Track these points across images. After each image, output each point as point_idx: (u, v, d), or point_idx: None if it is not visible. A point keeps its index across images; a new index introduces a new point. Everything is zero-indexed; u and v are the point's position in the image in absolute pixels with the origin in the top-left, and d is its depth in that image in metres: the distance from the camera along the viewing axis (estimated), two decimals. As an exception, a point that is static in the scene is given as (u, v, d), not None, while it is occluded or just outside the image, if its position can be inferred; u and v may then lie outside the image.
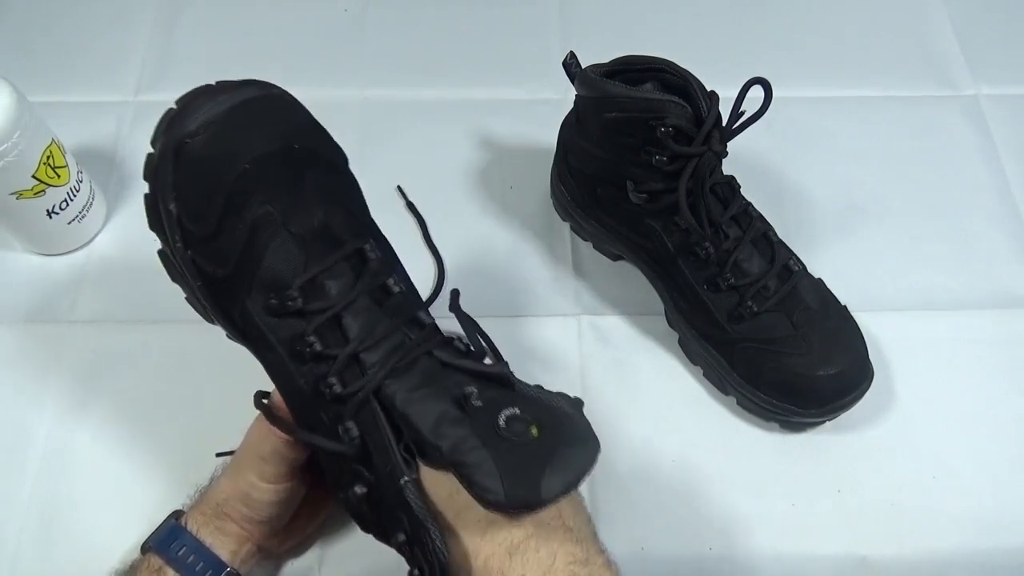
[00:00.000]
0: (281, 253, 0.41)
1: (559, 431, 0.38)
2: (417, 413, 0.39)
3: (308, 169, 0.42)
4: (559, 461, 0.36)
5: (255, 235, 0.40)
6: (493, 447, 0.37)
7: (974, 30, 0.76)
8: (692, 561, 0.53)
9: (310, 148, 0.43)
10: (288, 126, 0.43)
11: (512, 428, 0.37)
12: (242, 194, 0.40)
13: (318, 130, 0.44)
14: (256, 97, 0.41)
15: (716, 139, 0.50)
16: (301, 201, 0.41)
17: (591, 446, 0.38)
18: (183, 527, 0.45)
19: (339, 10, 0.76)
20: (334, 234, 0.42)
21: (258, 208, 0.40)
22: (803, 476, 0.55)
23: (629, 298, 0.62)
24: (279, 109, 0.43)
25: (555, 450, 0.37)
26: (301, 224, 0.41)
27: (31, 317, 0.60)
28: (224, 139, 0.40)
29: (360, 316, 0.41)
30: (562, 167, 0.62)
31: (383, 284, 0.42)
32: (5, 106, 0.51)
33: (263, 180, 0.41)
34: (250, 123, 0.41)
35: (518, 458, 0.36)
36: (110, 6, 0.76)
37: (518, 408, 0.38)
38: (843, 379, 0.53)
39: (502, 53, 0.74)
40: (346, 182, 0.46)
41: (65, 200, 0.58)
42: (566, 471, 0.36)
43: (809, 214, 0.66)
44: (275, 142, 0.41)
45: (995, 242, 0.65)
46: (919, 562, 0.53)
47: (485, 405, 0.38)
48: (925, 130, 0.71)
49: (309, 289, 0.41)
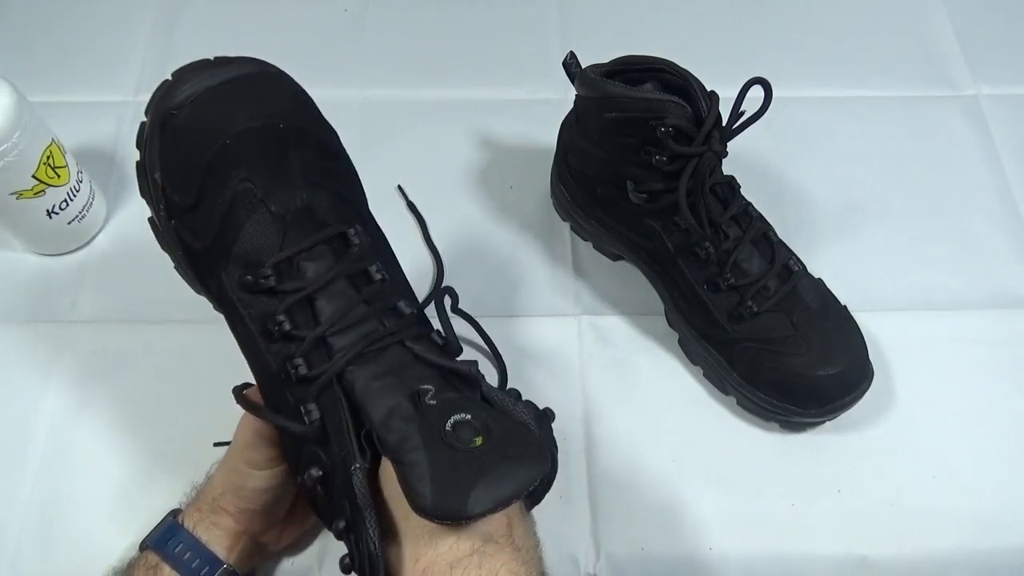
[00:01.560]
0: (258, 230, 0.41)
1: (505, 444, 0.37)
2: (372, 403, 0.39)
3: (294, 149, 0.42)
4: (495, 475, 0.35)
5: (233, 210, 0.40)
6: (433, 450, 0.36)
7: (974, 30, 0.76)
8: (692, 561, 0.53)
9: (298, 128, 0.43)
10: (277, 104, 0.42)
11: (458, 433, 0.37)
12: (222, 168, 0.40)
13: (310, 111, 0.44)
14: (249, 74, 0.41)
15: (716, 139, 0.50)
16: (284, 180, 0.41)
17: (538, 465, 0.37)
18: (180, 525, 0.46)
19: (339, 10, 0.76)
20: (317, 216, 0.42)
21: (238, 184, 0.40)
22: (803, 476, 0.55)
23: (629, 298, 0.62)
24: (271, 87, 0.43)
25: (494, 463, 0.36)
26: (282, 203, 0.41)
27: (31, 317, 0.60)
28: (209, 113, 0.40)
29: (334, 300, 0.41)
30: (562, 167, 0.62)
31: (364, 270, 0.42)
32: (5, 106, 0.51)
33: (244, 156, 0.40)
34: (238, 99, 0.41)
35: (454, 465, 0.35)
36: (110, 6, 0.76)
37: (469, 414, 0.37)
38: (843, 379, 0.53)
39: (502, 53, 0.74)
40: (338, 166, 0.45)
41: (65, 200, 0.58)
42: (500, 487, 0.35)
43: (809, 214, 0.66)
44: (260, 119, 0.41)
45: (995, 242, 0.65)
46: (919, 562, 0.53)
47: (438, 405, 0.38)
48: (925, 130, 0.71)
49: (284, 268, 0.40)
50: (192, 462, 0.50)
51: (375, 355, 0.40)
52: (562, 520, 0.54)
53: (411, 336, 0.41)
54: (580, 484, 0.55)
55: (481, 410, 0.38)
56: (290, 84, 0.44)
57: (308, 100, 0.45)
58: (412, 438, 0.37)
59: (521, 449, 0.37)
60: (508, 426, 0.38)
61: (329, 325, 0.40)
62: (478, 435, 0.37)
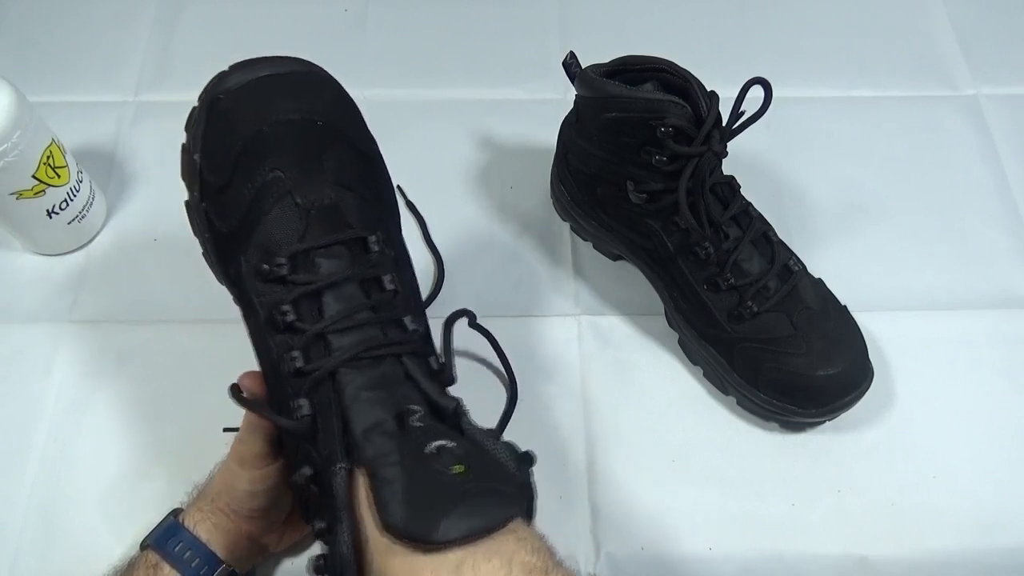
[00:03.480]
0: (281, 220, 0.41)
1: (485, 477, 0.36)
2: (357, 411, 0.38)
3: (329, 147, 0.43)
4: (471, 506, 0.34)
5: (261, 197, 0.41)
6: (411, 470, 0.35)
7: (974, 30, 0.76)
8: (692, 561, 0.53)
9: (337, 128, 0.44)
10: (319, 103, 0.43)
11: (440, 458, 0.36)
12: (256, 154, 0.41)
13: (351, 115, 0.45)
14: (296, 71, 0.43)
15: (716, 139, 0.50)
16: (314, 175, 0.42)
17: (516, 503, 0.36)
18: (181, 524, 0.46)
19: (339, 10, 0.76)
20: (342, 216, 0.42)
21: (268, 172, 0.41)
22: (803, 476, 0.55)
23: (629, 298, 0.62)
24: (316, 85, 0.44)
25: (471, 494, 0.35)
26: (309, 197, 0.41)
27: (31, 317, 0.60)
28: (251, 100, 0.42)
29: (342, 300, 0.41)
30: (562, 167, 0.62)
31: (378, 278, 0.42)
32: (5, 106, 0.51)
33: (279, 146, 0.42)
34: (281, 91, 0.42)
35: (430, 488, 0.35)
36: (110, 6, 0.76)
37: (454, 443, 0.37)
38: (843, 379, 0.53)
39: (502, 53, 0.74)
40: (371, 171, 0.46)
41: (65, 200, 0.58)
42: (474, 517, 0.34)
43: (809, 214, 0.66)
44: (299, 113, 0.42)
45: (995, 242, 0.65)
46: (919, 562, 0.53)
47: (423, 428, 0.37)
48: (925, 130, 0.71)
49: (300, 260, 0.41)
50: (192, 462, 0.50)
51: (370, 364, 0.40)
52: (562, 520, 0.54)
53: (408, 352, 0.41)
54: (580, 484, 0.55)
55: (464, 443, 0.37)
56: (335, 87, 0.45)
57: (351, 105, 0.46)
58: (391, 454, 0.36)
59: (500, 485, 0.36)
60: (488, 461, 0.37)
61: (332, 322, 0.40)
62: (459, 463, 0.36)
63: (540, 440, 0.56)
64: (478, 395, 0.57)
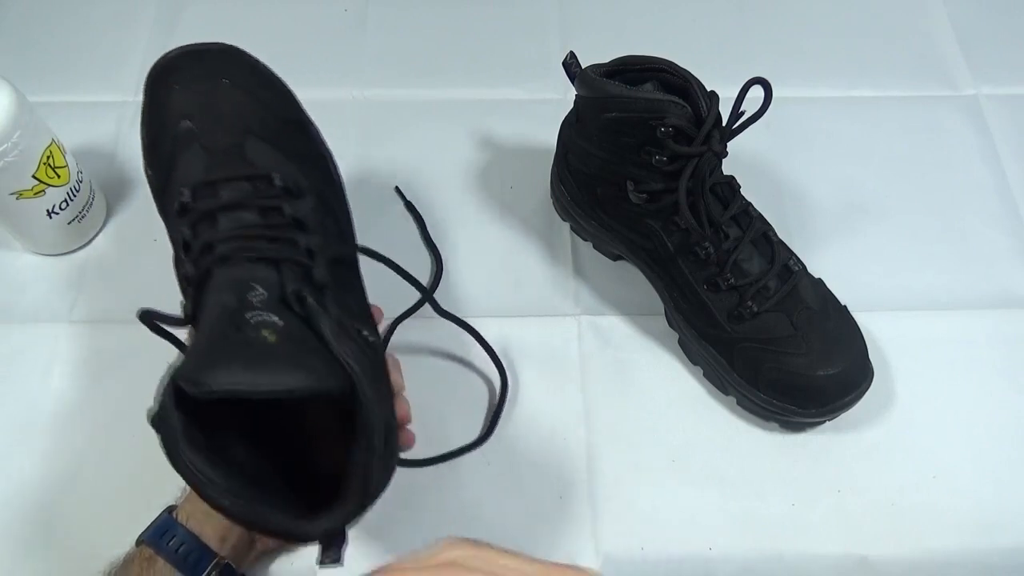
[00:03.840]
0: (189, 162, 0.45)
1: (295, 350, 0.36)
2: (211, 295, 0.40)
3: (238, 101, 0.47)
4: (260, 362, 0.35)
5: (175, 147, 0.46)
6: (219, 331, 0.36)
7: (974, 30, 0.76)
8: (692, 561, 0.53)
9: (247, 88, 0.47)
10: (228, 67, 0.48)
11: (254, 326, 0.36)
12: (171, 110, 0.47)
13: (266, 82, 0.49)
14: (214, 48, 0.48)
15: (716, 139, 0.50)
16: (220, 122, 0.46)
17: (312, 378, 0.35)
18: (175, 519, 0.46)
19: (339, 10, 0.76)
20: (245, 157, 0.45)
21: (180, 123, 0.46)
22: (803, 476, 0.55)
23: (629, 298, 0.62)
24: (232, 57, 0.48)
25: (266, 354, 0.35)
26: (213, 140, 0.46)
27: (31, 317, 0.60)
28: (171, 68, 0.47)
29: (235, 220, 0.43)
30: (562, 167, 0.62)
31: (278, 207, 0.44)
32: (5, 106, 0.51)
33: (189, 100, 0.47)
34: (195, 60, 0.47)
35: (227, 345, 0.35)
36: (110, 6, 0.76)
37: (279, 318, 0.37)
38: (843, 379, 0.53)
39: (502, 53, 0.74)
40: (292, 132, 0.49)
41: (65, 200, 0.58)
42: (258, 373, 0.34)
43: (809, 214, 0.66)
44: (207, 72, 0.47)
45: (995, 242, 0.65)
46: (919, 562, 0.53)
47: (258, 304, 0.38)
48: (925, 130, 0.71)
49: (202, 191, 0.44)
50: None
51: (247, 265, 0.41)
52: (562, 520, 0.54)
53: (286, 258, 0.42)
54: (580, 484, 0.55)
55: (293, 320, 0.38)
56: (252, 61, 0.49)
57: (270, 75, 0.49)
58: (213, 320, 0.37)
59: (306, 360, 0.36)
60: (307, 337, 0.37)
61: (220, 233, 0.42)
62: (272, 332, 0.36)
63: (540, 440, 0.56)
64: (471, 391, 0.58)
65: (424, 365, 0.59)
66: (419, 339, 0.59)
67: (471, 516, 0.54)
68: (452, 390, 0.58)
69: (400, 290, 0.59)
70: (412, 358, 0.58)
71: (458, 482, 0.55)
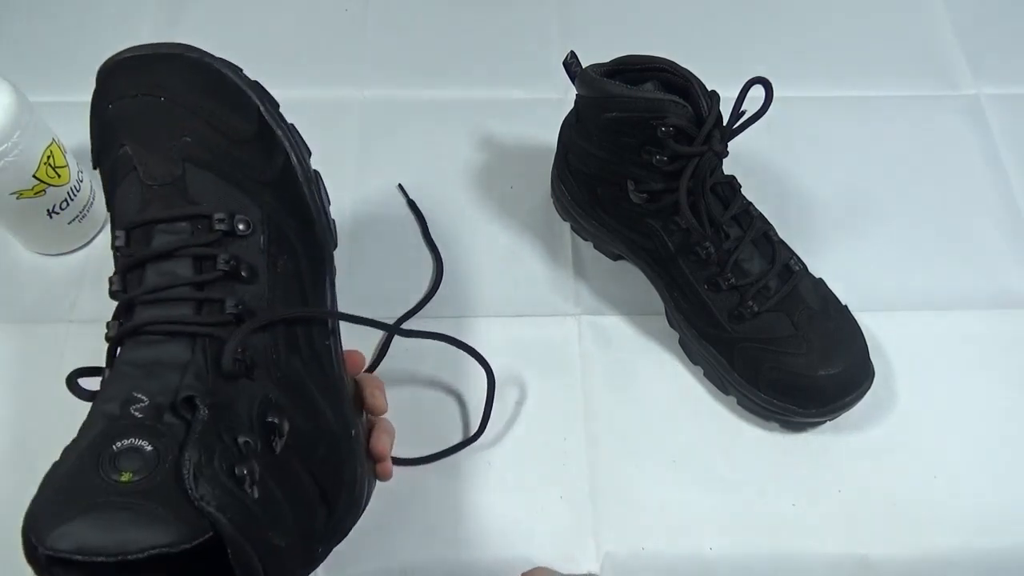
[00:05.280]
0: (127, 195, 0.41)
1: (155, 493, 0.31)
2: (105, 389, 0.36)
3: (179, 123, 0.41)
4: (101, 519, 0.30)
5: (114, 172, 0.42)
6: (75, 464, 0.32)
7: (974, 30, 0.76)
8: (692, 561, 0.53)
9: (188, 105, 0.42)
10: (170, 80, 0.42)
11: (118, 459, 0.32)
12: (108, 133, 0.42)
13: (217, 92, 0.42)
14: (157, 53, 0.42)
15: (717, 139, 0.50)
16: (158, 151, 0.41)
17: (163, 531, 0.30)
18: None
19: (339, 10, 0.76)
20: (188, 194, 0.40)
21: (119, 149, 0.41)
22: (803, 476, 0.55)
23: (629, 298, 0.62)
24: (175, 64, 0.42)
25: (111, 506, 0.31)
26: (151, 173, 0.40)
27: (31, 317, 0.60)
28: (108, 81, 0.42)
29: (164, 274, 0.39)
30: (562, 167, 0.62)
31: (212, 256, 0.39)
32: (5, 106, 0.51)
33: (126, 122, 0.41)
34: (132, 70, 0.42)
35: (76, 490, 0.31)
36: (111, 6, 0.76)
37: (152, 445, 0.32)
38: (844, 379, 0.53)
39: (502, 53, 0.74)
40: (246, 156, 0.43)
41: (65, 200, 0.58)
42: (98, 533, 0.30)
43: (810, 214, 0.66)
44: (141, 88, 0.41)
45: (995, 242, 0.65)
46: (919, 562, 0.53)
47: (135, 420, 0.34)
48: (925, 130, 0.71)
49: (137, 234, 0.40)
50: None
51: (161, 340, 0.37)
52: (562, 520, 0.54)
53: (204, 334, 0.37)
54: (580, 484, 0.55)
55: (166, 446, 0.33)
56: (199, 63, 0.42)
57: (220, 77, 0.42)
58: (79, 443, 0.33)
59: (160, 506, 0.31)
60: (169, 477, 0.32)
61: (143, 292, 0.38)
62: (130, 471, 0.32)
63: (540, 440, 0.56)
64: (467, 391, 0.58)
65: (423, 364, 0.59)
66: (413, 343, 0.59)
67: (472, 516, 0.54)
68: (448, 391, 0.58)
69: (401, 290, 0.59)
70: (408, 361, 0.58)
71: (459, 482, 0.55)
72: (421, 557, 0.52)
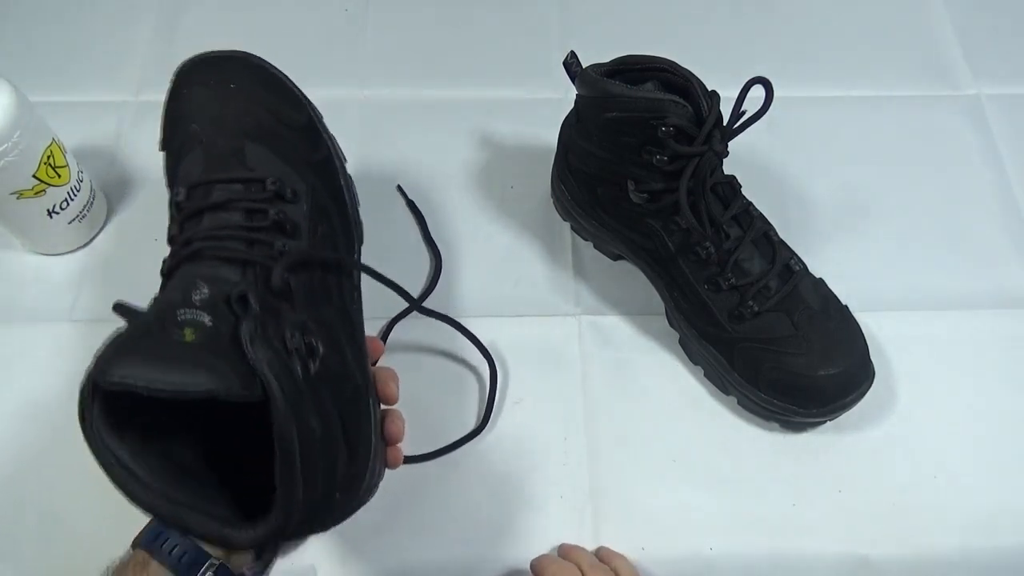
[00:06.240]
0: (191, 162, 0.47)
1: (211, 352, 0.35)
2: (167, 291, 0.40)
3: (241, 105, 0.49)
4: (159, 360, 0.34)
5: (182, 147, 0.48)
6: (141, 325, 0.36)
7: (974, 30, 0.76)
8: (692, 561, 0.53)
9: (250, 91, 0.50)
10: (235, 73, 0.50)
11: (180, 324, 0.36)
12: (180, 114, 0.49)
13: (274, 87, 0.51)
14: (227, 55, 0.50)
15: (717, 139, 0.50)
16: (222, 126, 0.48)
17: (213, 380, 0.34)
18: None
19: (339, 10, 0.76)
20: (245, 162, 0.46)
21: (188, 127, 0.48)
22: (803, 476, 0.55)
23: (629, 298, 0.62)
24: (241, 64, 0.50)
25: (171, 354, 0.34)
26: (214, 144, 0.47)
27: (31, 317, 0.60)
28: (184, 75, 0.50)
29: (219, 220, 0.44)
30: (562, 167, 0.62)
31: (263, 210, 0.44)
32: (5, 106, 0.51)
33: (195, 103, 0.49)
34: (206, 66, 0.50)
35: (138, 339, 0.35)
36: (111, 6, 0.76)
37: (211, 318, 0.37)
38: (844, 379, 0.53)
39: (502, 53, 0.74)
40: (295, 137, 0.50)
41: (65, 200, 0.58)
42: (152, 370, 0.33)
43: (810, 214, 0.66)
44: (214, 77, 0.50)
45: (995, 242, 0.65)
46: (919, 562, 0.53)
47: (198, 301, 0.38)
48: (925, 130, 0.71)
49: (197, 191, 0.45)
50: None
51: (212, 260, 0.41)
52: (562, 520, 0.54)
53: (254, 260, 0.42)
54: (580, 484, 0.55)
55: (223, 323, 0.37)
56: (264, 67, 0.51)
57: (281, 81, 0.51)
58: (149, 314, 0.37)
59: (217, 360, 0.35)
60: (227, 342, 0.36)
61: (202, 233, 0.43)
62: (193, 331, 0.36)
63: (540, 440, 0.56)
64: (471, 387, 0.58)
65: (423, 362, 0.59)
66: (417, 336, 0.59)
67: (472, 516, 0.54)
68: (452, 387, 0.58)
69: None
70: (410, 355, 0.59)
71: (459, 482, 0.55)
72: (421, 557, 0.52)
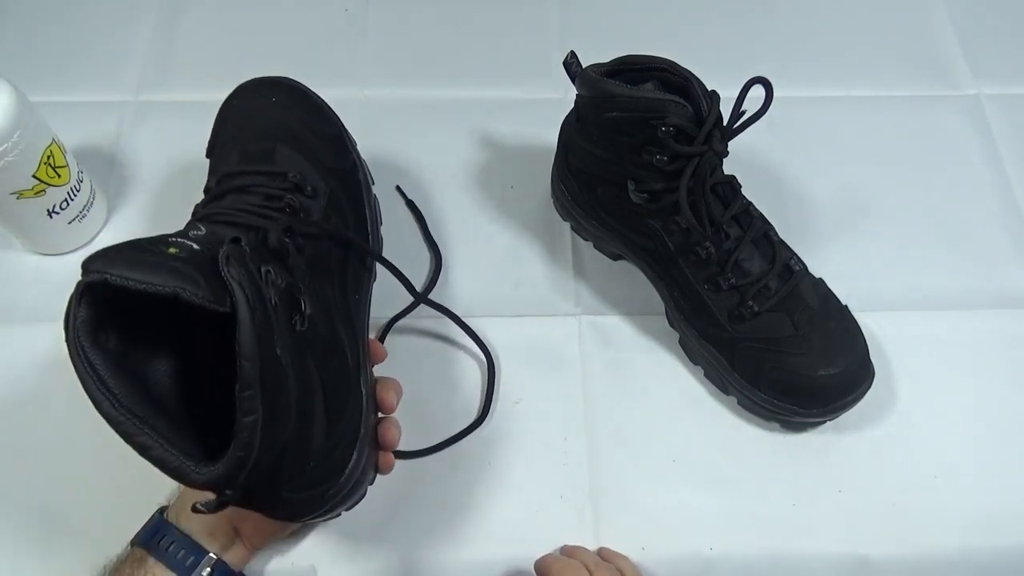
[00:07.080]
0: (226, 158, 0.53)
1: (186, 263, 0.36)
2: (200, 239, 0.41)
3: (276, 115, 0.56)
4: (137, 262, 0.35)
5: (223, 149, 0.55)
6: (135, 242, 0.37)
7: (974, 30, 0.76)
8: (692, 561, 0.53)
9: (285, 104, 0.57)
10: (275, 89, 0.58)
11: (168, 242, 0.38)
12: (224, 122, 0.57)
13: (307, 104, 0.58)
14: (272, 78, 0.59)
15: (717, 139, 0.50)
16: (256, 129, 0.55)
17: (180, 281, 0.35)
18: (166, 520, 0.47)
19: (339, 10, 0.76)
20: (271, 158, 0.52)
21: (230, 132, 0.56)
22: (803, 476, 0.55)
23: (629, 298, 0.62)
24: (278, 81, 0.58)
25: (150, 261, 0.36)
26: (249, 144, 0.54)
27: (31, 317, 0.60)
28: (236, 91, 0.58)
29: (239, 202, 0.48)
30: (562, 167, 0.62)
31: (280, 196, 0.49)
32: (5, 106, 0.51)
33: (238, 110, 0.57)
34: (252, 83, 0.58)
35: (123, 249, 0.36)
36: (111, 6, 0.76)
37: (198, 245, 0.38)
38: (844, 379, 0.53)
39: (502, 53, 0.74)
40: (322, 147, 0.56)
41: (65, 200, 0.58)
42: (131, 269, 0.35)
43: (810, 214, 0.66)
44: (258, 92, 0.58)
45: (995, 242, 0.65)
46: (919, 562, 0.53)
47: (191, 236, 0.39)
48: (926, 130, 0.71)
49: (225, 179, 0.51)
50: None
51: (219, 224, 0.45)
52: (562, 520, 0.54)
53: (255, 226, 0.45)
54: (580, 484, 0.55)
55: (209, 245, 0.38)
56: (305, 91, 0.59)
57: (317, 102, 0.59)
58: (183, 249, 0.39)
59: (190, 271, 0.36)
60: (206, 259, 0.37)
61: (219, 208, 0.47)
62: (178, 248, 0.37)
63: (540, 439, 0.56)
64: (470, 382, 0.58)
65: (422, 361, 0.59)
66: (416, 336, 0.60)
67: (471, 516, 0.54)
68: (451, 385, 0.58)
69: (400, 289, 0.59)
70: (410, 354, 0.59)
71: (459, 481, 0.55)
72: (421, 556, 0.52)
